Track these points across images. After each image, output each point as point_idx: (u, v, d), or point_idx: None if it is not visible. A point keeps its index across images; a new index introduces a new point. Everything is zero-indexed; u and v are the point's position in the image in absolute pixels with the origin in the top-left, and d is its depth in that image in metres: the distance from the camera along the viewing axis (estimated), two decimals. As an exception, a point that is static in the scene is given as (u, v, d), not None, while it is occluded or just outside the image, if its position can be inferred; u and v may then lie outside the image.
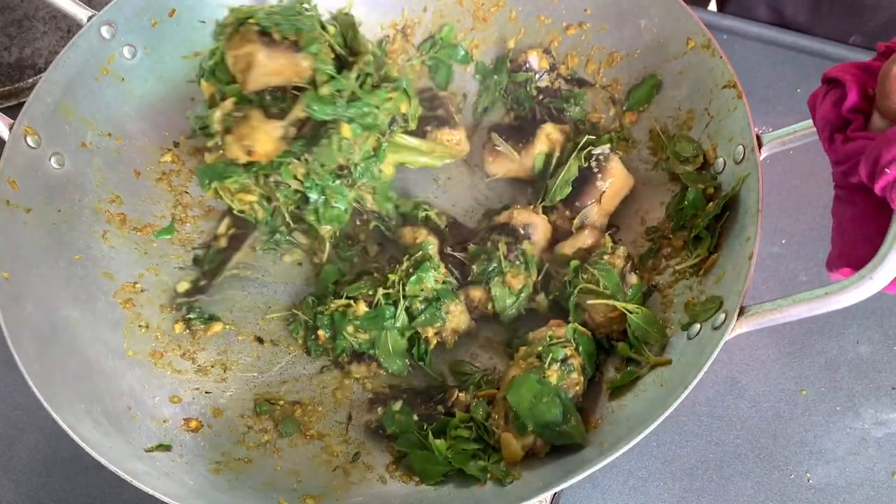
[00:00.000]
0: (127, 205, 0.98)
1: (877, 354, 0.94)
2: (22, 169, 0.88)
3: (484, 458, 0.78)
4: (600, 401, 0.81)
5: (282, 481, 0.79)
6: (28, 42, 1.20)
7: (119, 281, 0.93)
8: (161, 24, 1.00)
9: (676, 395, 0.69)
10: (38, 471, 0.95)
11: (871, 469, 0.88)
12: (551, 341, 0.82)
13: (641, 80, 0.97)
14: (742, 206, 0.79)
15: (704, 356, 0.70)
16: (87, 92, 0.95)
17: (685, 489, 0.88)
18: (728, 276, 0.77)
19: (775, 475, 0.88)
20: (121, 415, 0.80)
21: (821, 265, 0.90)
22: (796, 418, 0.91)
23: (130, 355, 0.87)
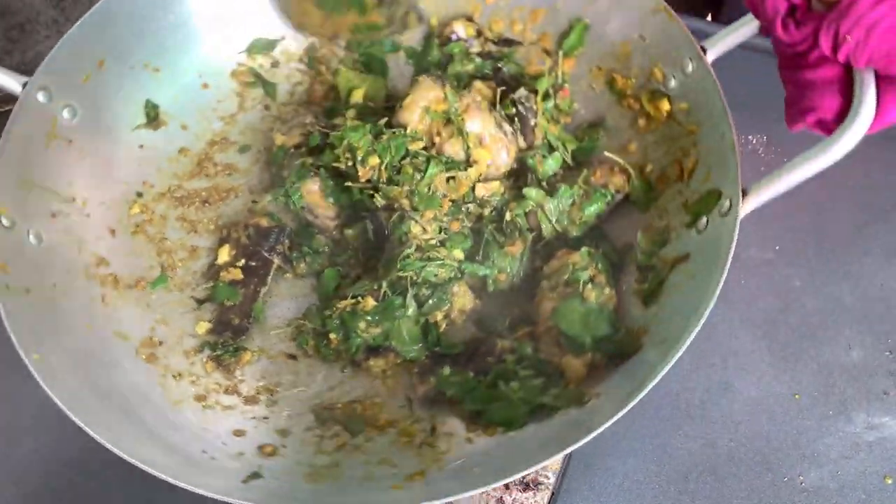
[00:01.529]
0: (114, 264, 0.94)
1: (869, 359, 0.96)
2: (8, 251, 0.83)
3: (553, 387, 0.83)
4: (636, 312, 0.88)
5: (377, 472, 0.81)
6: (30, 46, 1.16)
7: (134, 339, 0.90)
8: (92, 78, 0.97)
9: (717, 277, 0.76)
10: (39, 472, 0.93)
11: (863, 473, 0.90)
12: (573, 268, 0.88)
13: (570, 27, 1.04)
14: (706, 108, 0.88)
15: (725, 240, 0.78)
16: (40, 161, 0.91)
17: (680, 492, 0.91)
18: (715, 172, 0.86)
19: (769, 478, 0.90)
20: (200, 459, 0.79)
21: (815, 271, 1.01)
22: (789, 422, 0.94)
23: (177, 405, 0.86)
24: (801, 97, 0.76)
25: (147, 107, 1.03)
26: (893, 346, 0.98)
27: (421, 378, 0.89)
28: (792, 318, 1.01)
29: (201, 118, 1.08)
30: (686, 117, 0.92)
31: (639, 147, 0.98)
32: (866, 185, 1.05)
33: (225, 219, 1.05)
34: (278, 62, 1.12)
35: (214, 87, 1.08)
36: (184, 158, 1.06)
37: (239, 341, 0.94)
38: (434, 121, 0.96)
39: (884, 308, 1.00)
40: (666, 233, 0.89)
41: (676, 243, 0.88)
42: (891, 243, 1.04)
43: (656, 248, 0.89)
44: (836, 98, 0.74)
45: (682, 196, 0.90)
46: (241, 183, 1.07)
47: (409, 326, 0.91)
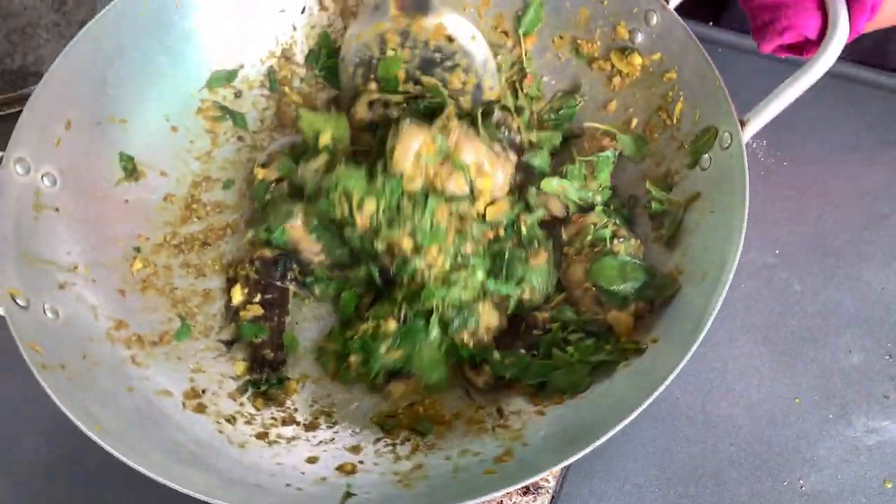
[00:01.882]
0: (133, 325, 0.91)
1: (869, 363, 0.97)
2: (33, 331, 0.79)
3: (606, 344, 0.85)
4: (663, 257, 0.91)
5: (463, 463, 0.81)
6: (31, 49, 1.12)
7: (177, 394, 0.87)
8: (64, 141, 0.93)
9: (740, 208, 0.80)
10: (39, 475, 0.91)
11: (863, 477, 0.90)
12: (595, 228, 0.91)
13: (525, 4, 1.07)
14: (680, 53, 0.93)
15: (737, 170, 0.82)
16: (33, 234, 0.87)
17: (680, 495, 0.91)
18: (705, 111, 0.90)
19: (769, 482, 0.91)
20: (287, 493, 0.77)
21: (815, 275, 1.03)
22: (790, 426, 0.94)
23: (242, 447, 0.84)
24: (777, 17, 0.82)
25: (122, 160, 0.99)
26: (893, 350, 0.98)
27: (475, 370, 0.89)
28: (792, 321, 1.02)
29: (178, 162, 1.04)
30: (660, 66, 0.96)
31: (619, 105, 1.02)
32: (866, 189, 1.06)
33: (229, 256, 1.02)
34: (241, 91, 1.10)
35: (183, 128, 1.06)
36: (171, 205, 1.03)
37: (280, 373, 0.92)
38: (429, 164, 0.94)
39: (884, 312, 1.00)
40: (669, 177, 0.94)
41: (683, 185, 0.92)
42: (891, 247, 1.05)
43: (664, 194, 0.93)
44: (815, 15, 0.80)
45: (676, 140, 0.94)
46: (235, 218, 1.05)
47: (431, 351, 0.90)
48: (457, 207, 0.93)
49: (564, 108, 1.06)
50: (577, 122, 1.06)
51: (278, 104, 1.11)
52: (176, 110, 1.05)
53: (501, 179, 0.97)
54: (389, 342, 0.89)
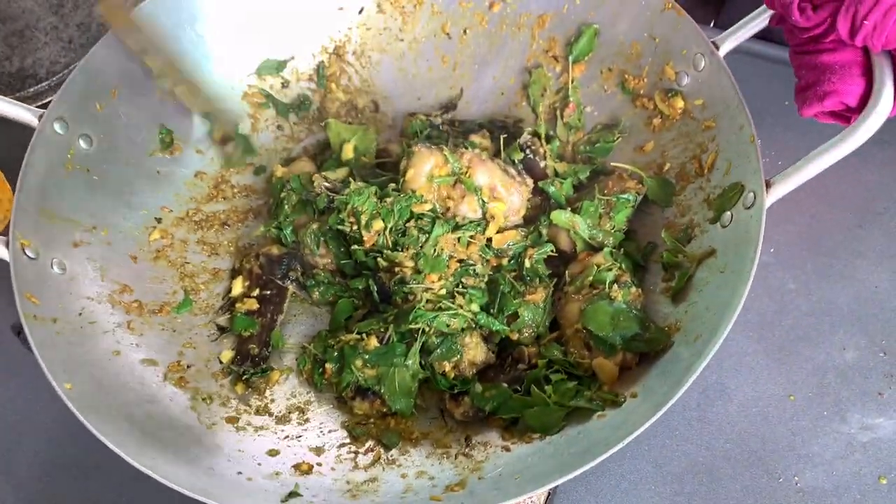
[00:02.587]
0: (137, 291, 0.94)
1: (863, 360, 0.97)
2: (33, 282, 0.83)
3: (586, 389, 0.82)
4: (666, 310, 0.87)
5: (417, 485, 0.80)
6: (29, 52, 1.16)
7: (163, 364, 0.90)
8: (107, 107, 0.98)
9: (747, 270, 0.76)
10: (38, 476, 0.93)
11: (857, 473, 0.90)
12: (598, 269, 0.88)
13: (579, 32, 1.05)
14: (722, 103, 0.89)
15: (754, 231, 0.78)
16: (60, 191, 0.91)
17: (675, 492, 0.91)
18: (736, 165, 0.86)
19: (764, 479, 0.91)
20: (237, 481, 0.78)
21: (809, 273, 1.02)
22: (784, 423, 0.94)
23: (211, 429, 0.85)
24: (820, 80, 0.76)
25: (162, 132, 1.03)
26: (887, 348, 0.98)
27: (455, 401, 0.87)
28: (787, 319, 1.01)
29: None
30: (702, 113, 0.92)
31: (655, 146, 0.99)
32: (860, 188, 1.05)
33: (245, 240, 1.05)
34: (288, 82, 1.12)
35: (227, 110, 1.08)
36: (200, 182, 1.06)
37: (261, 368, 0.93)
38: (441, 185, 0.95)
39: (877, 310, 1.00)
40: (689, 229, 0.89)
41: (701, 239, 0.88)
42: (884, 246, 1.05)
43: (681, 245, 0.89)
44: (859, 81, 0.74)
45: (704, 192, 0.90)
46: (260, 204, 1.07)
47: (404, 376, 0.88)
48: (465, 235, 0.92)
49: (602, 142, 1.03)
50: (610, 159, 1.02)
51: (322, 99, 1.13)
52: (223, 92, 1.09)
53: (517, 202, 0.96)
54: (366, 358, 0.88)
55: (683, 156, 0.95)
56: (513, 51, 1.10)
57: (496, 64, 1.11)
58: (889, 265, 1.04)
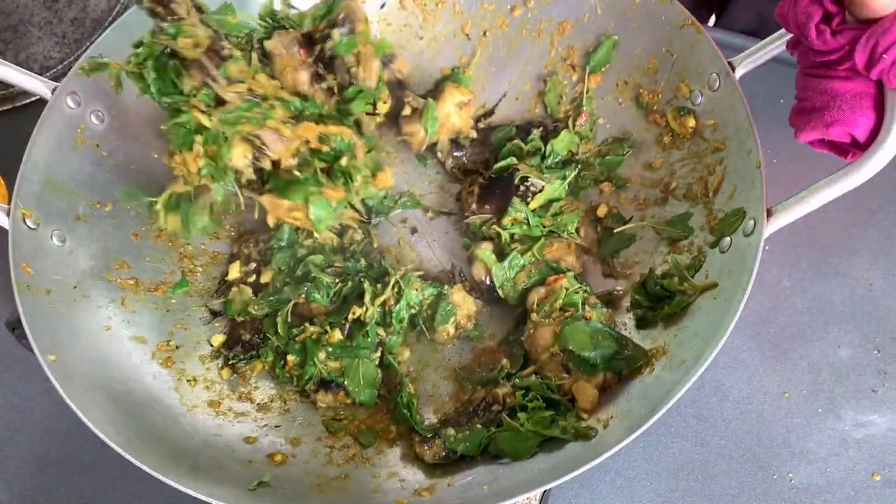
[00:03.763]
0: (135, 268, 0.95)
1: (857, 358, 0.97)
2: (30, 252, 0.85)
3: (562, 419, 0.81)
4: (656, 331, 0.86)
5: (386, 485, 0.80)
6: (23, 47, 1.17)
7: (152, 343, 0.91)
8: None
9: (737, 300, 0.75)
10: (31, 471, 0.93)
11: (851, 469, 0.91)
12: (566, 292, 0.87)
13: (598, 42, 1.03)
14: (733, 125, 0.87)
15: (749, 260, 0.77)
16: (67, 165, 0.93)
17: (671, 489, 0.91)
18: (741, 190, 0.84)
19: (759, 475, 0.91)
20: (209, 466, 0.79)
21: (804, 270, 1.02)
22: (779, 420, 0.94)
23: (191, 411, 0.86)
24: (829, 107, 0.74)
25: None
26: (881, 345, 0.98)
27: (426, 443, 0.83)
28: (781, 317, 1.01)
29: (228, 125, 1.08)
30: (713, 134, 0.90)
31: (664, 164, 0.97)
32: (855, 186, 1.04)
33: (248, 225, 1.05)
34: (306, 71, 1.12)
35: (241, 95, 1.09)
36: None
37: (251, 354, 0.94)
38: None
39: (872, 307, 1.00)
40: (700, 258, 0.86)
41: (703, 266, 0.86)
42: (878, 244, 1.04)
43: (690, 275, 0.86)
44: (869, 114, 0.72)
45: (705, 215, 0.88)
46: (265, 191, 1.08)
47: (368, 368, 0.88)
48: None
49: (612, 155, 1.01)
50: (620, 173, 1.01)
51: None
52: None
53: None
54: (330, 351, 0.88)
55: (691, 176, 0.93)
56: (531, 56, 1.09)
57: (513, 68, 1.10)
58: (883, 263, 1.03)
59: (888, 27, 0.65)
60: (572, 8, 1.05)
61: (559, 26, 1.06)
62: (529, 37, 1.08)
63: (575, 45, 1.05)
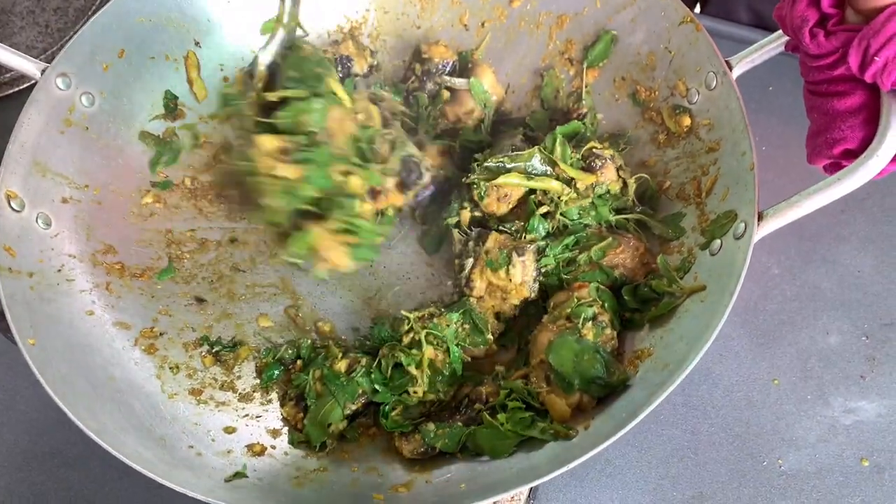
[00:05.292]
0: (121, 253, 0.95)
1: (845, 345, 0.98)
2: (14, 235, 0.84)
3: (542, 420, 0.80)
4: (643, 333, 0.85)
5: (364, 480, 0.79)
6: (5, 37, 1.15)
7: (135, 329, 0.90)
8: (112, 67, 0.98)
9: (724, 304, 0.73)
10: (18, 465, 0.93)
11: (840, 455, 0.91)
12: (578, 302, 0.85)
13: (596, 37, 1.01)
14: (728, 126, 0.85)
15: (738, 264, 0.75)
16: (55, 146, 0.92)
17: (661, 476, 0.91)
18: (733, 192, 0.82)
19: (748, 462, 0.91)
20: (187, 455, 0.78)
21: (793, 258, 1.03)
22: (768, 407, 0.95)
23: (172, 398, 0.85)
24: (829, 127, 0.73)
25: (167, 97, 1.03)
26: (869, 332, 0.99)
27: (405, 437, 0.83)
28: (771, 304, 1.01)
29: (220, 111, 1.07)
30: (708, 134, 0.89)
31: (659, 162, 0.95)
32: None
33: (238, 213, 1.04)
34: (300, 57, 1.10)
35: (234, 79, 1.08)
36: (200, 151, 1.06)
37: (234, 336, 0.93)
38: None
39: (860, 294, 1.01)
40: (690, 260, 0.85)
41: (693, 268, 0.84)
42: (867, 231, 1.05)
43: (678, 277, 0.85)
44: (862, 127, 0.71)
45: (696, 216, 0.87)
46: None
47: (333, 412, 0.85)
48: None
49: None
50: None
51: (333, 79, 1.12)
52: (232, 62, 1.08)
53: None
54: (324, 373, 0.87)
55: (685, 176, 0.91)
56: (529, 49, 1.07)
57: (510, 61, 1.08)
58: (872, 250, 1.04)
59: (879, 28, 0.63)
60: (572, 1, 1.03)
61: (558, 19, 1.05)
62: (528, 29, 1.07)
63: (573, 38, 1.04)
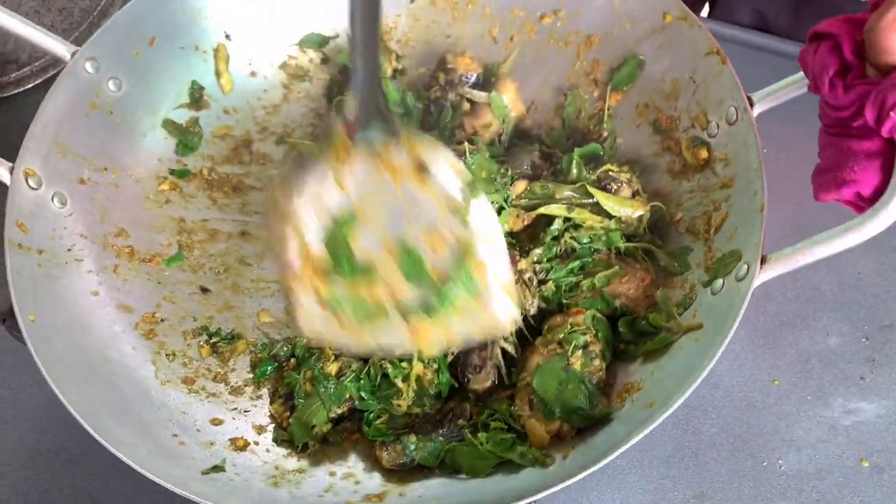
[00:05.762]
0: (133, 237, 0.97)
1: (846, 346, 0.98)
2: (28, 211, 0.87)
3: (521, 444, 0.79)
4: (634, 366, 0.83)
5: (340, 486, 0.80)
6: (10, 37, 1.15)
7: (138, 313, 0.92)
8: (142, 54, 1.00)
9: (717, 345, 0.72)
10: (22, 463, 0.94)
11: (840, 456, 0.91)
12: (571, 328, 0.84)
13: (623, 60, 1.00)
14: (744, 163, 0.83)
15: (736, 306, 0.74)
16: (78, 128, 0.94)
17: (662, 476, 0.91)
18: (741, 231, 0.81)
19: (749, 462, 0.91)
20: (169, 443, 0.80)
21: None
22: (769, 407, 0.95)
23: (164, 385, 0.87)
24: (842, 166, 0.71)
25: (192, 88, 1.05)
26: (869, 333, 0.99)
27: (386, 446, 0.82)
28: (771, 305, 1.01)
29: (244, 105, 1.09)
30: (723, 169, 0.87)
31: (673, 192, 0.94)
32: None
33: (253, 206, 1.06)
34: (328, 59, 1.12)
35: (262, 76, 1.10)
36: (221, 142, 1.07)
37: (233, 329, 0.94)
38: None
39: (860, 296, 1.01)
40: (692, 296, 0.84)
41: (693, 305, 0.83)
42: None
43: (680, 311, 0.83)
44: (877, 174, 0.68)
45: (703, 252, 0.85)
46: (274, 174, 1.08)
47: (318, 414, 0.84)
48: None
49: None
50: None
51: (358, 82, 1.12)
52: (262, 57, 1.10)
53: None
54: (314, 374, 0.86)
55: (696, 210, 0.90)
56: (555, 66, 1.06)
57: (536, 77, 1.07)
58: (872, 252, 1.04)
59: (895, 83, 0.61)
60: (602, 22, 1.02)
61: (587, 39, 1.04)
62: (556, 46, 1.06)
63: (600, 59, 1.03)
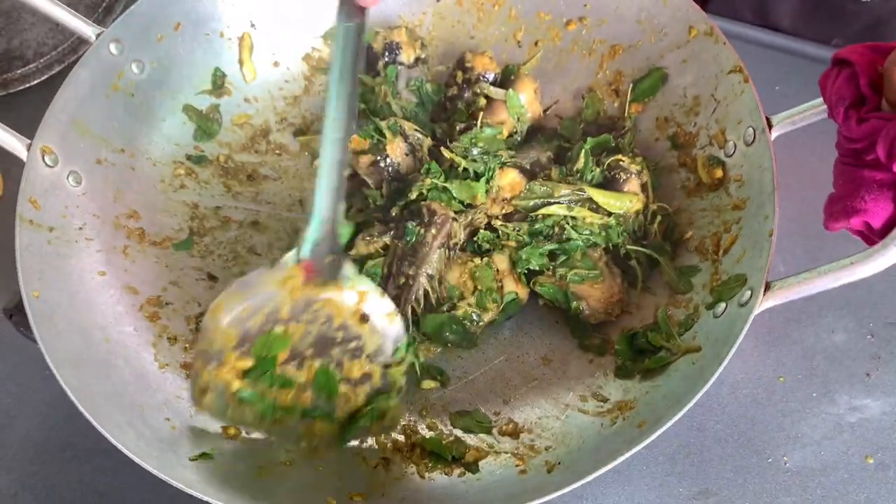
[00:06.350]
0: (144, 219, 0.98)
1: (851, 343, 0.98)
2: (42, 188, 0.88)
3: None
4: (631, 383, 0.83)
5: (325, 481, 0.80)
6: (16, 33, 1.17)
7: (143, 295, 0.93)
8: (166, 39, 1.01)
9: (712, 370, 0.71)
10: (30, 458, 0.95)
11: (845, 453, 0.91)
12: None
13: (647, 72, 0.99)
14: (758, 185, 0.82)
15: (735, 332, 0.73)
16: (98, 109, 0.96)
17: (667, 473, 0.91)
18: (748, 255, 0.79)
19: (754, 459, 0.91)
20: (161, 427, 0.80)
21: (798, 257, 1.01)
22: (774, 404, 0.95)
23: (162, 368, 0.88)
24: (853, 195, 0.69)
25: (215, 74, 1.06)
26: (874, 330, 0.99)
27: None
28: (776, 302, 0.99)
29: (265, 94, 1.09)
30: (737, 190, 0.86)
31: (684, 210, 0.92)
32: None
33: (267, 196, 1.06)
34: (352, 53, 1.11)
35: (284, 66, 1.10)
36: (239, 130, 1.08)
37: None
38: None
39: (865, 293, 1.01)
40: (694, 318, 0.83)
41: (695, 326, 0.82)
42: None
43: (681, 332, 0.82)
44: (888, 205, 0.67)
45: (710, 273, 0.84)
46: (289, 165, 1.08)
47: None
48: None
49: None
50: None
51: (379, 77, 1.12)
52: (285, 48, 1.10)
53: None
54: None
55: (707, 229, 0.88)
56: (578, 74, 1.05)
57: (557, 83, 1.07)
58: None
59: None
60: (627, 32, 1.01)
61: (611, 49, 1.02)
62: (580, 54, 1.05)
63: (623, 70, 1.01)
